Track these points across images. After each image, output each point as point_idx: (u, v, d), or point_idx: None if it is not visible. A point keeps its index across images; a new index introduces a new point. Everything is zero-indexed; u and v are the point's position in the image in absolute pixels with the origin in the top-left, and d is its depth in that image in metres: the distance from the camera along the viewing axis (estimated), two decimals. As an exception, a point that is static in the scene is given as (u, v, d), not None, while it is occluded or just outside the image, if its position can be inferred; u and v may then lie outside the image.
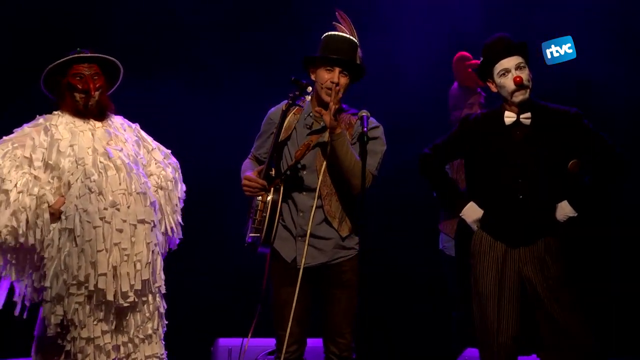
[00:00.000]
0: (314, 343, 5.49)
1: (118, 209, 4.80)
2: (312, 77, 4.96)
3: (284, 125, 4.95)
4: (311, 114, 4.98)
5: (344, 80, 4.90)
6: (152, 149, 5.13)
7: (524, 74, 4.88)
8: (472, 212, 5.02)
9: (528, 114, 4.94)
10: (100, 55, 4.96)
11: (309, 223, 4.87)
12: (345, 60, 4.88)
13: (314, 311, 5.00)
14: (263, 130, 5.11)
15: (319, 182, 4.89)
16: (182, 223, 5.17)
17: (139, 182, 4.88)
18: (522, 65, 4.89)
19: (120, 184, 4.82)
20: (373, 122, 4.95)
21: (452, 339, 6.44)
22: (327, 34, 4.97)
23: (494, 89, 5.00)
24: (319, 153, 4.92)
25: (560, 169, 4.95)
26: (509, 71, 4.89)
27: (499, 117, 4.97)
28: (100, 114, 4.97)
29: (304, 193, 4.92)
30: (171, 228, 5.11)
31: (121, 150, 4.90)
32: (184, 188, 5.21)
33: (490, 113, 5.06)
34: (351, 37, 4.94)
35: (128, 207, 4.82)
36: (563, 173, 4.96)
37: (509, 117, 4.95)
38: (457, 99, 6.48)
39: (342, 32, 4.97)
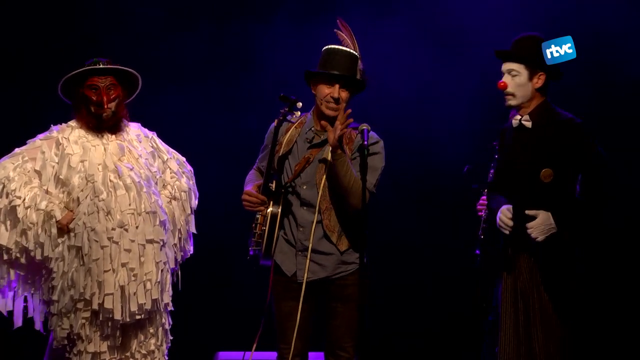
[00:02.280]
0: (316, 357, 5.47)
1: (126, 229, 4.81)
2: (313, 90, 4.95)
3: (286, 139, 4.97)
4: (312, 128, 4.98)
5: (344, 95, 4.89)
6: (168, 159, 5.13)
7: (512, 82, 4.87)
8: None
9: (527, 117, 4.91)
10: (115, 67, 4.95)
11: (310, 238, 4.87)
12: (345, 76, 4.87)
13: (316, 324, 4.98)
14: (265, 143, 5.13)
15: (319, 197, 4.88)
16: (195, 232, 5.18)
17: (148, 202, 4.88)
18: (513, 73, 4.88)
19: (130, 204, 4.83)
20: (374, 137, 4.93)
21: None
22: (327, 47, 4.97)
23: None
24: (319, 168, 4.91)
25: (555, 177, 4.88)
26: (503, 74, 4.92)
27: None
28: (115, 127, 4.97)
29: (304, 208, 4.92)
30: (185, 239, 5.14)
31: (132, 169, 4.89)
32: (197, 195, 5.23)
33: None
34: (351, 51, 4.93)
35: (136, 227, 4.84)
36: (555, 182, 4.87)
37: (515, 119, 4.94)
38: None
39: (342, 40, 4.97)
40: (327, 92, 4.87)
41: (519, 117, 4.92)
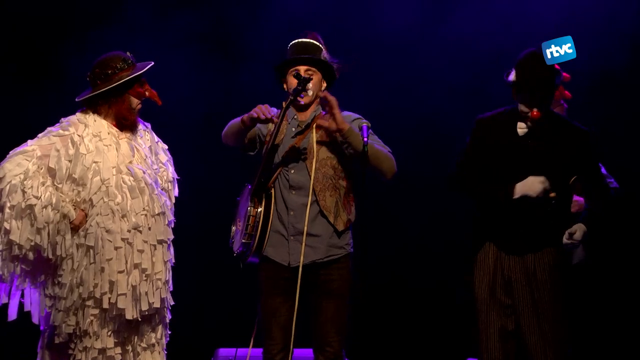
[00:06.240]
0: (304, 353, 5.47)
1: (140, 231, 4.86)
2: (285, 85, 5.07)
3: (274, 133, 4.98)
4: (295, 117, 5.07)
5: (314, 77, 5.00)
6: (159, 151, 5.15)
7: (542, 107, 4.81)
8: (528, 185, 4.84)
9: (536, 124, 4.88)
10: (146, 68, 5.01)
11: (305, 221, 4.92)
12: (307, 57, 4.98)
13: (305, 320, 5.00)
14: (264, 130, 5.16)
15: (312, 180, 4.92)
16: (174, 220, 5.17)
17: (159, 203, 4.94)
18: (544, 99, 4.82)
19: (144, 208, 4.87)
20: (352, 115, 5.03)
21: None
22: (291, 43, 5.08)
23: (514, 96, 4.90)
24: (308, 152, 4.98)
25: (564, 184, 4.88)
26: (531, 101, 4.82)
27: (513, 123, 4.91)
28: (134, 124, 5.03)
29: (294, 192, 4.97)
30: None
31: (145, 171, 4.93)
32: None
33: (506, 115, 4.95)
34: (314, 41, 5.04)
35: (149, 228, 4.89)
36: (565, 190, 4.89)
37: (522, 127, 4.90)
38: None
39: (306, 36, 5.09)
40: (295, 81, 4.96)
41: (523, 125, 4.88)
